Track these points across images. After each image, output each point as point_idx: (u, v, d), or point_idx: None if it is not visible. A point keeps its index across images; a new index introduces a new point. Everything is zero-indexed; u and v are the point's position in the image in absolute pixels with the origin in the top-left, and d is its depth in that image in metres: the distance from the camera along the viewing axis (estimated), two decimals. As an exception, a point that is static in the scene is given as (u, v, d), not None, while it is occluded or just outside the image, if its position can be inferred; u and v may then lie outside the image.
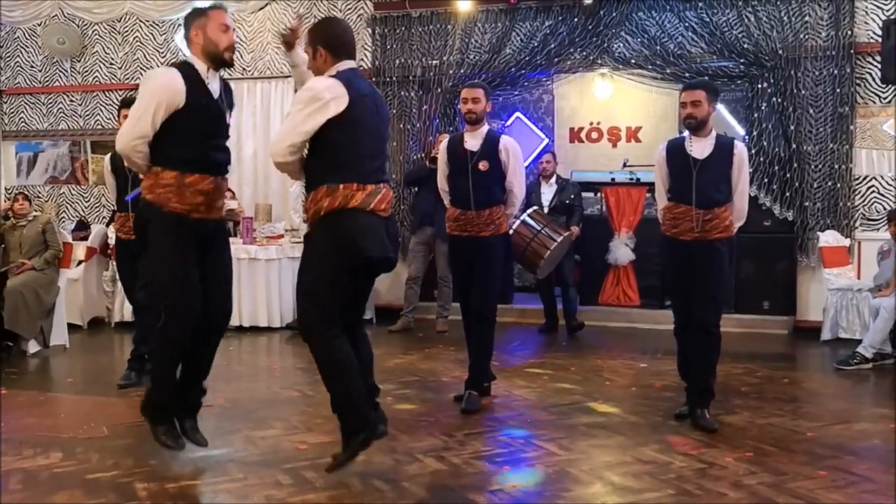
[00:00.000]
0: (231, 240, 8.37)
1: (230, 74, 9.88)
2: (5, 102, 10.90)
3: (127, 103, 5.88)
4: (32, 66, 10.80)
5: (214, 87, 4.02)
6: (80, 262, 8.34)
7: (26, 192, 7.89)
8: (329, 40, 3.78)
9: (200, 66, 3.97)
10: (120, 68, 10.48)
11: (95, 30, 10.57)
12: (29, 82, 10.82)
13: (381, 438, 3.86)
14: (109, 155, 6.21)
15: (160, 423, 4.06)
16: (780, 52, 8.27)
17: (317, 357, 3.72)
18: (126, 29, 10.45)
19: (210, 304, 3.99)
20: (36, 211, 7.69)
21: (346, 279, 3.69)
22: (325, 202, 3.63)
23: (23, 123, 10.88)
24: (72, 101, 10.70)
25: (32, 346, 6.97)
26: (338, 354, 3.68)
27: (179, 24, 10.09)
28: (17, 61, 10.83)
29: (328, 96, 3.60)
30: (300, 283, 3.81)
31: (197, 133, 3.92)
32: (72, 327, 7.74)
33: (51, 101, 10.78)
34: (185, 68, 3.95)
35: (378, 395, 3.93)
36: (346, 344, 3.72)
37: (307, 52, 3.86)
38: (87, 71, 10.62)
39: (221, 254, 4.15)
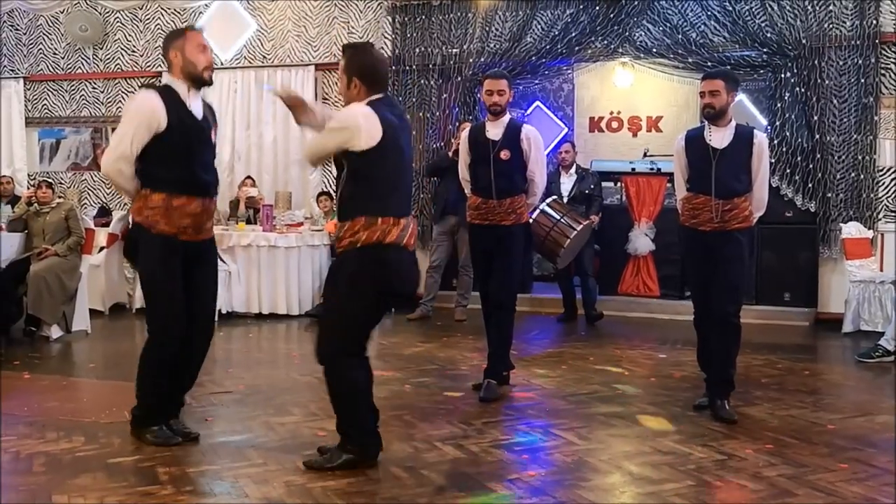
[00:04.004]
0: (251, 227, 8.54)
1: (250, 62, 9.95)
2: (28, 89, 10.98)
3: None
4: (55, 54, 10.87)
5: (196, 108, 4.12)
6: (101, 249, 8.41)
7: (49, 180, 7.95)
8: (364, 71, 3.78)
9: (181, 88, 4.08)
10: (142, 56, 10.53)
11: (117, 17, 10.62)
12: (52, 69, 10.89)
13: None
14: None
15: (147, 428, 4.17)
16: (804, 41, 8.18)
17: (334, 381, 3.82)
18: (148, 17, 10.49)
19: (193, 318, 4.12)
20: (59, 198, 7.75)
21: (376, 309, 3.84)
22: (363, 235, 3.69)
23: (45, 110, 10.96)
24: (94, 88, 10.77)
25: (55, 331, 7.03)
26: (356, 382, 3.81)
27: (201, 12, 10.14)
28: (40, 48, 10.91)
29: (363, 123, 3.65)
30: (328, 308, 3.93)
31: (182, 153, 4.02)
32: (93, 313, 7.80)
33: (73, 88, 10.85)
34: (165, 91, 4.06)
35: (378, 418, 3.93)
36: (363, 371, 3.85)
37: (341, 81, 3.87)
38: (109, 58, 10.68)
39: (208, 269, 4.27)
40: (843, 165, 8.17)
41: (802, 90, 8.22)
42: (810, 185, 8.20)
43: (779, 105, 8.36)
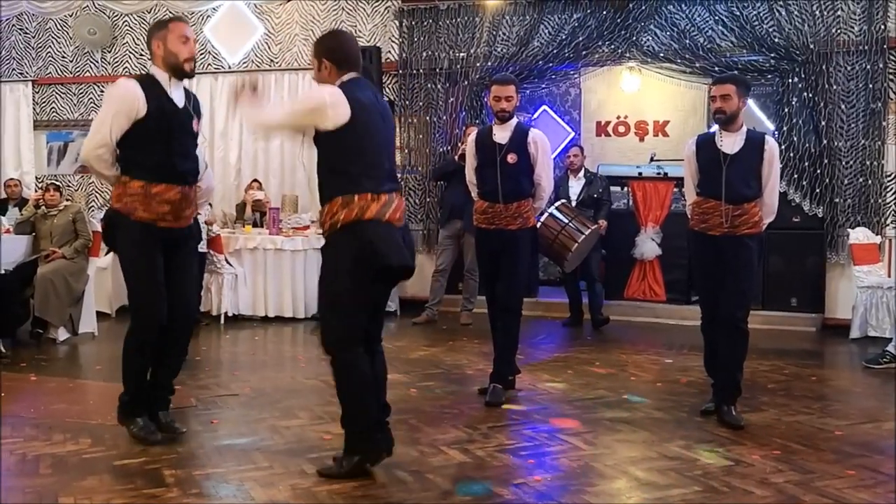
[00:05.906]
0: (257, 230, 8.55)
1: (258, 66, 9.96)
2: (37, 92, 11.00)
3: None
4: (63, 57, 10.90)
5: (178, 97, 4.18)
6: (108, 251, 8.41)
7: (57, 183, 7.97)
8: (332, 53, 3.77)
9: (162, 77, 4.15)
10: (150, 59, 10.51)
11: (126, 21, 10.64)
12: (60, 72, 10.91)
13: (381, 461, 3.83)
14: None
15: (133, 419, 4.22)
16: (812, 46, 8.16)
17: (337, 373, 3.73)
18: (156, 20, 10.49)
19: (173, 304, 4.14)
20: (66, 200, 7.77)
21: (368, 290, 3.71)
22: (342, 214, 3.65)
23: (54, 113, 10.98)
24: (102, 91, 10.75)
25: (62, 334, 7.05)
26: (358, 374, 3.70)
27: (208, 16, 10.17)
28: (49, 51, 10.93)
29: (328, 100, 3.62)
30: (322, 296, 3.84)
31: (162, 141, 4.05)
32: (100, 315, 7.83)
33: (81, 91, 10.87)
34: (146, 79, 4.13)
35: (389, 414, 3.88)
36: (367, 362, 3.73)
37: (312, 65, 3.86)
38: (117, 62, 10.70)
39: (188, 256, 4.30)
40: (851, 171, 8.15)
41: (810, 95, 8.21)
42: (818, 190, 8.18)
43: (786, 110, 8.34)
